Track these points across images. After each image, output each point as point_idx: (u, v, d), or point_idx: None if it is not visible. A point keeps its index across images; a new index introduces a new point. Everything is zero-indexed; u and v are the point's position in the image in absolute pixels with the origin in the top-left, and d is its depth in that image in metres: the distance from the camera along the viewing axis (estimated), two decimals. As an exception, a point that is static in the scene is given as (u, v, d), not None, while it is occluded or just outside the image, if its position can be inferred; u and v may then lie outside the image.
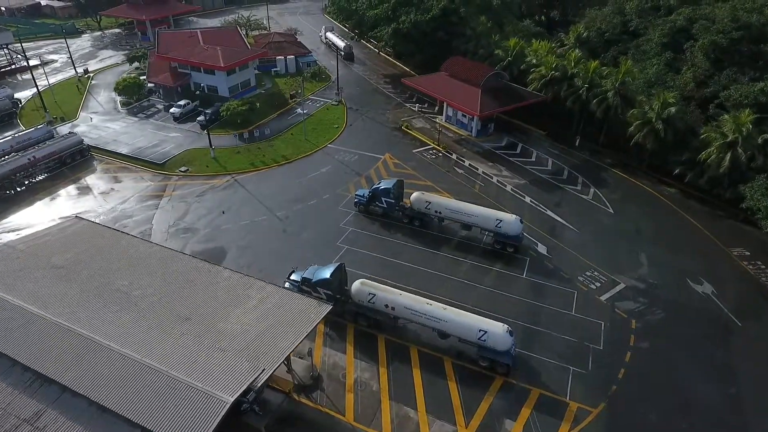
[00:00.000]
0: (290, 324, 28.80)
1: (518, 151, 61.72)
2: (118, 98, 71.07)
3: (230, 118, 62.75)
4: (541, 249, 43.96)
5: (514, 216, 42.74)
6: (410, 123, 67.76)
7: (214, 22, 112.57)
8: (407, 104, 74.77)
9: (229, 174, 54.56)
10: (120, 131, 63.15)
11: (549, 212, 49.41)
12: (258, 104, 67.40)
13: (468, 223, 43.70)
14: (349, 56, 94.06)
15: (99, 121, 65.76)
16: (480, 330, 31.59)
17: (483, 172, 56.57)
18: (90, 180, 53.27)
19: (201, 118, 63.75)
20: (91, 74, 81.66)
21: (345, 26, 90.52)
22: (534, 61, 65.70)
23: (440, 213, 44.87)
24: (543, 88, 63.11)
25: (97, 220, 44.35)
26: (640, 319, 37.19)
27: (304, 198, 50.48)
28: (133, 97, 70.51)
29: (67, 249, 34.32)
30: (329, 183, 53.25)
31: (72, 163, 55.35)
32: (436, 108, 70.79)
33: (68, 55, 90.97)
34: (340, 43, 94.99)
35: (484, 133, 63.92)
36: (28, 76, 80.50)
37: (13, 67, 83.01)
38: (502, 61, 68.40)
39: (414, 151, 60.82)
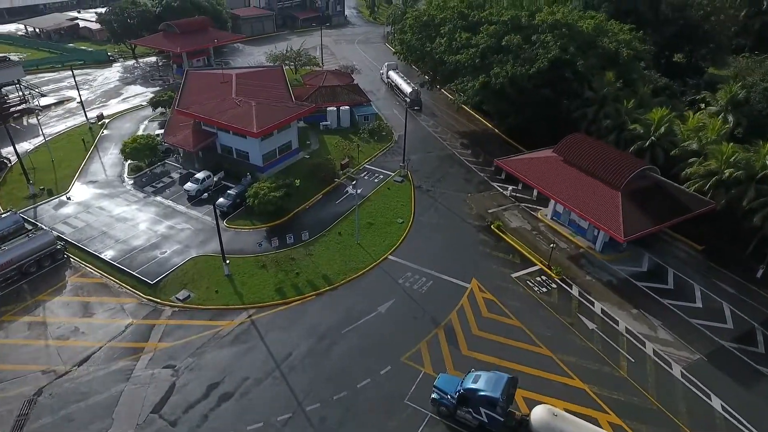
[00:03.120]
0: None
1: (670, 284, 41.38)
2: (126, 162, 56.12)
3: (259, 208, 46.00)
4: None
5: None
6: (502, 219, 48.82)
7: (260, 53, 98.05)
8: (495, 183, 55.87)
9: (245, 308, 37.48)
10: (116, 217, 47.50)
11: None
12: (298, 182, 50.43)
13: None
14: (415, 103, 76.29)
15: (94, 197, 50.58)
16: None
17: (627, 330, 36.71)
18: (52, 307, 37.43)
19: (222, 200, 47.70)
20: (106, 120, 67.72)
21: (414, 67, 73.24)
22: (694, 145, 45.25)
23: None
24: (711, 190, 42.69)
25: (38, 400, 28.20)
26: None
27: (351, 371, 32.38)
28: (145, 160, 55.38)
29: None
30: (390, 339, 34.98)
31: (37, 272, 40.08)
32: (536, 192, 51.44)
33: (88, 91, 78.37)
34: (406, 88, 77.23)
35: (614, 249, 43.99)
36: (35, 119, 67.83)
37: (23, 107, 70.50)
38: (641, 139, 48.34)
39: (514, 275, 41.71)
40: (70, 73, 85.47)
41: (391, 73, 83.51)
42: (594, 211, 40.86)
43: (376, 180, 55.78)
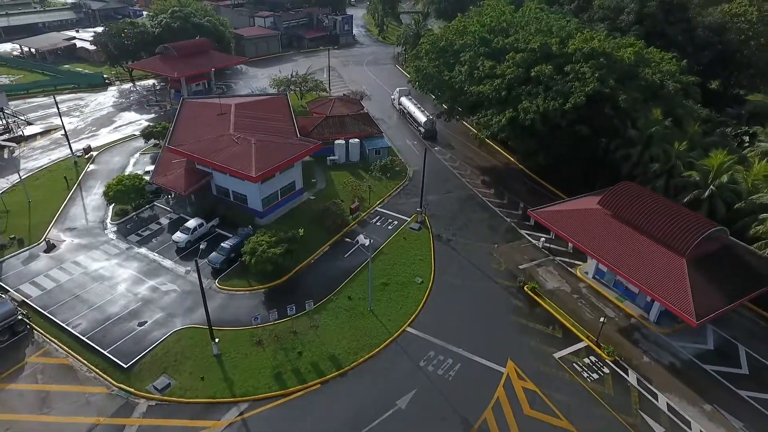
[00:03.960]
0: None
1: (744, 368, 34.63)
2: (111, 205, 50.14)
3: (256, 267, 39.76)
4: None
5: None
6: (536, 278, 42.35)
7: (264, 75, 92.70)
8: (523, 230, 49.53)
9: (236, 402, 31.02)
10: (93, 275, 41.16)
11: None
12: (303, 231, 44.22)
13: None
14: (430, 133, 70.33)
15: (70, 249, 44.53)
16: None
17: (702, 435, 30.05)
18: (3, 398, 31.22)
19: (214, 255, 41.52)
20: (94, 153, 62.04)
21: (432, 96, 67.42)
22: (765, 198, 38.73)
23: None
24: (789, 254, 36.13)
25: None
26: None
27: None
28: (132, 203, 49.45)
29: None
30: (413, 448, 28.56)
31: (-8, 350, 33.95)
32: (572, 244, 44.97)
33: (78, 118, 72.94)
34: (420, 117, 71.25)
35: (672, 319, 37.26)
36: (16, 152, 62.30)
37: (4, 137, 64.99)
38: (696, 188, 41.97)
39: (557, 356, 35.07)
40: (62, 97, 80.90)
41: (404, 100, 77.69)
42: (653, 282, 34.20)
43: (389, 227, 49.51)
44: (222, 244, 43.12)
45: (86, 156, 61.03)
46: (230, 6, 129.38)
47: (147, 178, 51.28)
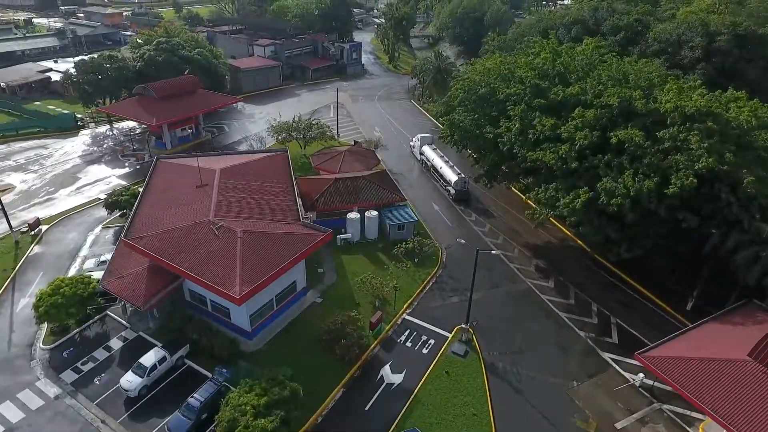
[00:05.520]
0: None
1: None
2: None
3: (238, 445, 26.51)
4: None
5: None
6: (646, 450, 29.12)
7: (261, 116, 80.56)
8: (606, 352, 36.37)
9: None
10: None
11: None
12: (301, 391, 30.22)
13: None
14: (462, 195, 57.47)
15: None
16: None
17: None
18: None
19: (178, 418, 28.30)
20: (43, 227, 49.24)
21: (471, 153, 54.66)
22: None
23: None
24: None
25: None
26: None
27: None
28: (74, 319, 36.41)
29: None
30: None
31: None
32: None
33: (36, 174, 60.19)
34: (450, 175, 58.30)
35: None
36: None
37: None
38: None
39: None
40: (22, 144, 68.68)
41: (427, 150, 64.94)
42: None
43: (425, 349, 36.27)
44: (189, 399, 29.73)
45: (32, 232, 48.24)
46: (227, 33, 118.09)
47: (98, 275, 38.33)
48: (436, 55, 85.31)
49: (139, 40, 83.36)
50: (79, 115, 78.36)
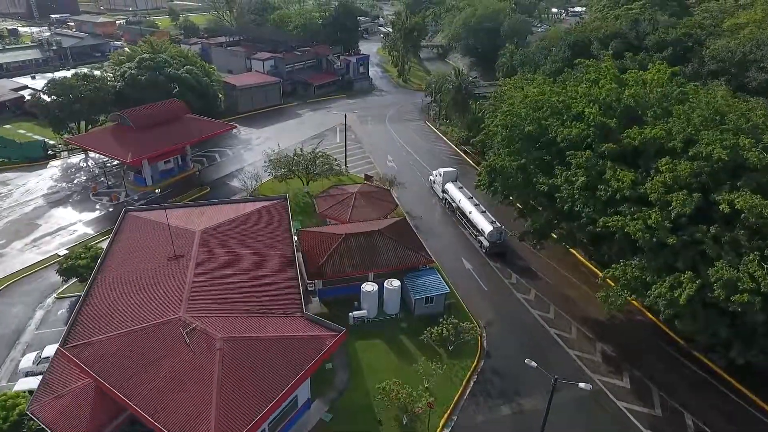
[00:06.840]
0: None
1: None
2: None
3: None
4: None
5: None
6: None
7: (258, 142, 70.98)
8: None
9: None
10: None
11: None
12: None
13: None
14: (497, 247, 47.56)
15: None
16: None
17: None
18: None
19: None
20: (-18, 299, 39.72)
21: (501, 197, 44.84)
22: None
23: None
24: None
25: None
26: None
27: None
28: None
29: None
30: None
31: None
32: None
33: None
34: (484, 224, 48.30)
35: None
36: None
37: None
38: None
39: None
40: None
41: (451, 188, 55.02)
42: None
43: (473, 500, 26.44)
44: None
45: (-33, 306, 38.62)
46: (223, 45, 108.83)
47: (35, 382, 28.51)
48: (456, 73, 75.48)
49: (121, 57, 74.04)
50: (51, 142, 69.00)
